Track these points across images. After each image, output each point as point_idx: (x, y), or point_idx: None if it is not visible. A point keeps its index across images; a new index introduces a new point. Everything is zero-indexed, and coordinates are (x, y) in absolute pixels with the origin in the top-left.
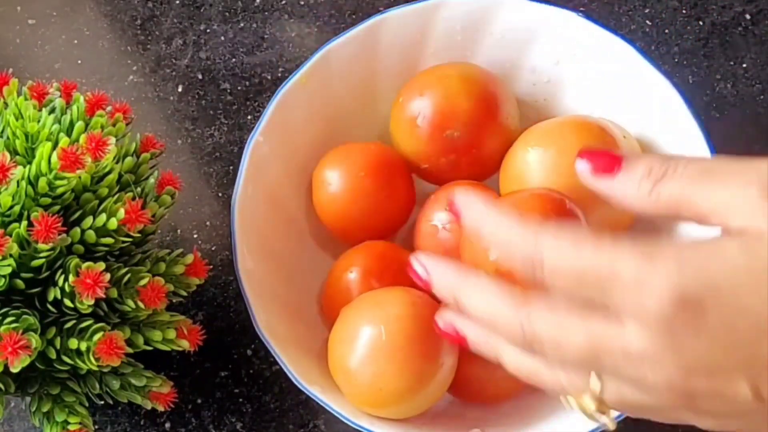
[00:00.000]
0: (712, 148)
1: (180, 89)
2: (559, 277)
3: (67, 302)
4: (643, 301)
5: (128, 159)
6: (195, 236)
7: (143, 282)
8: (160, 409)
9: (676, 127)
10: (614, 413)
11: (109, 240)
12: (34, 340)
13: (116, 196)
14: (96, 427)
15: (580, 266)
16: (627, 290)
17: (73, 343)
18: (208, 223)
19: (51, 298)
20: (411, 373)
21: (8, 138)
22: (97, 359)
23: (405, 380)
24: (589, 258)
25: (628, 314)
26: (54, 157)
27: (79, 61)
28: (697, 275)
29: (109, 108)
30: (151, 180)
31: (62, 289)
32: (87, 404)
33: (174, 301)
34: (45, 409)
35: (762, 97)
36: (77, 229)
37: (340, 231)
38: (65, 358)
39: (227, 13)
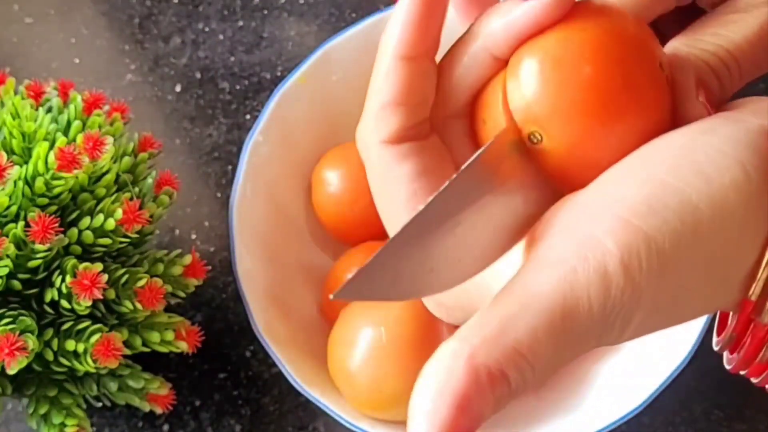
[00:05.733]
0: None
1: (178, 88)
2: None
3: (65, 303)
4: None
5: (126, 159)
6: (193, 237)
7: (141, 283)
8: (159, 411)
9: None
10: None
11: (106, 240)
12: (31, 342)
13: (114, 197)
14: (94, 429)
15: None
16: None
17: (70, 345)
18: (206, 223)
19: (48, 299)
20: (411, 375)
21: (5, 137)
22: (94, 361)
23: (405, 382)
24: None
25: None
26: (51, 157)
27: (77, 60)
28: None
29: (106, 107)
30: (149, 180)
31: (59, 290)
32: (84, 406)
33: (172, 302)
34: (42, 411)
35: (766, 95)
36: (74, 230)
37: (340, 231)
38: (62, 360)
39: (226, 12)
